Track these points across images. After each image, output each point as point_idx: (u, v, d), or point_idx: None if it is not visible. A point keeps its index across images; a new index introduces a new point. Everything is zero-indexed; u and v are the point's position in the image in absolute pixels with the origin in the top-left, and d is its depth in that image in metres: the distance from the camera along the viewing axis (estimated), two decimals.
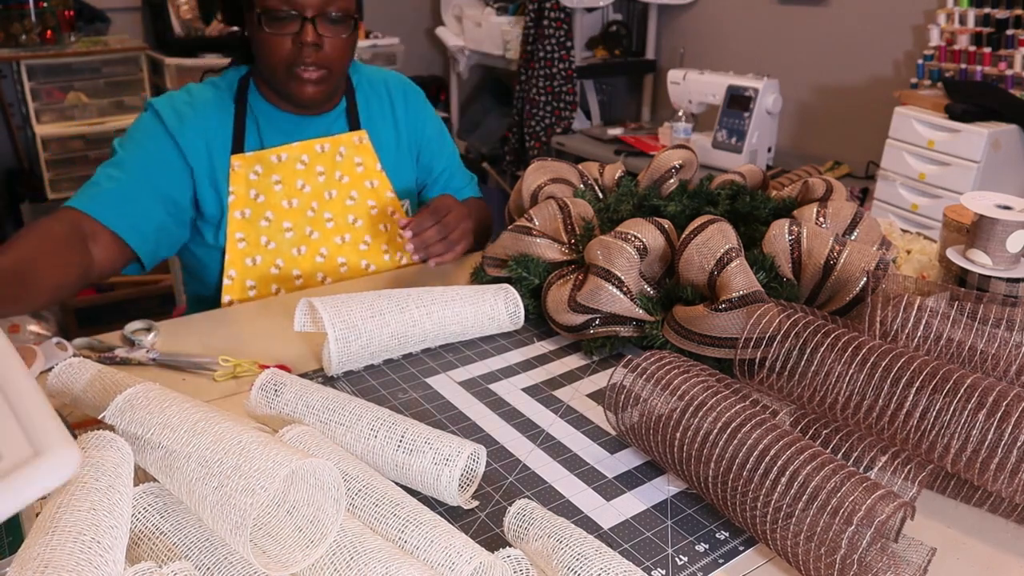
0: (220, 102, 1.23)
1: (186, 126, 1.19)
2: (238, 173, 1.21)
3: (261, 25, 1.12)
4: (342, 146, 1.28)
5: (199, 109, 1.21)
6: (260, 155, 1.22)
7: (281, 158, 1.23)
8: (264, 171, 1.22)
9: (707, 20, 3.09)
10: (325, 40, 1.14)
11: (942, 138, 1.98)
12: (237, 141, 1.22)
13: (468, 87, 3.94)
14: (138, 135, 1.19)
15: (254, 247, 1.22)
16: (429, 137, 1.38)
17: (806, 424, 0.73)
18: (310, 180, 1.25)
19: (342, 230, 1.28)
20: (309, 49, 1.13)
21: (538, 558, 0.61)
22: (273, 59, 1.15)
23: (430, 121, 1.39)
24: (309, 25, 1.12)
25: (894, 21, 2.44)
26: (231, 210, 1.21)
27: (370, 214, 1.30)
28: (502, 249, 1.11)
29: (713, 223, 0.92)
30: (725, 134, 2.55)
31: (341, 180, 1.28)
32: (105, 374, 0.77)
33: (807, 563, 0.61)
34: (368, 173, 1.30)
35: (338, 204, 1.28)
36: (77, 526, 0.52)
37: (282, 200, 1.23)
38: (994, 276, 0.93)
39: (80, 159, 2.91)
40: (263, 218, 1.22)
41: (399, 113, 1.35)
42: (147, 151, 1.17)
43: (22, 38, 2.82)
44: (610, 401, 0.78)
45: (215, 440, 0.60)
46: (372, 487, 0.64)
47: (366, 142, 1.30)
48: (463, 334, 1.00)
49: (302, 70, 1.15)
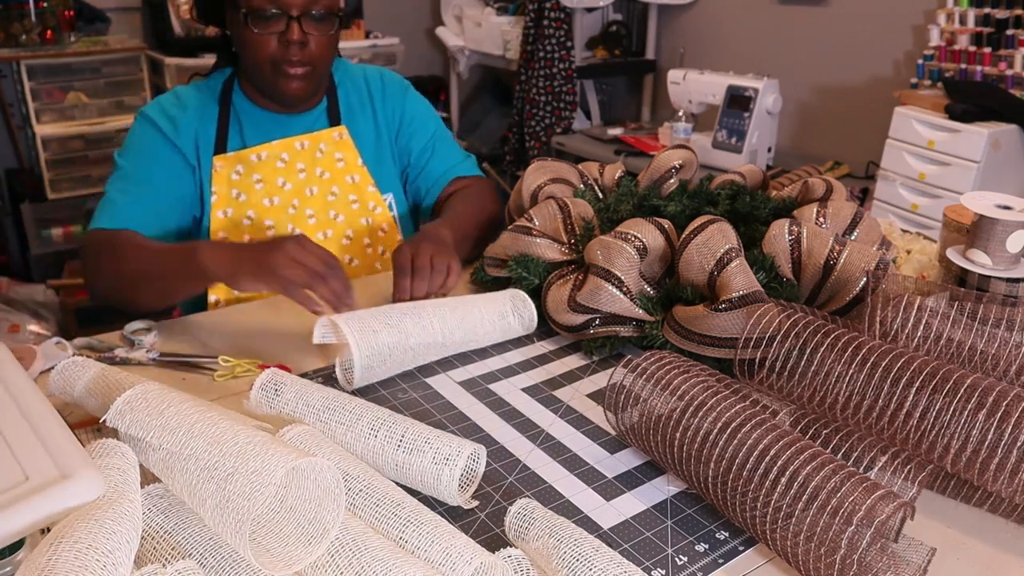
0: (204, 104, 1.25)
1: (180, 128, 1.21)
2: (220, 174, 1.23)
3: (248, 24, 1.13)
4: (322, 142, 1.28)
5: (187, 111, 1.23)
6: (240, 155, 1.23)
7: (261, 156, 1.24)
8: (245, 170, 1.24)
9: (707, 20, 3.09)
10: (310, 38, 1.15)
11: (942, 138, 1.98)
12: (220, 142, 1.24)
13: (468, 87, 3.94)
14: (137, 145, 1.21)
15: None
16: (406, 120, 1.37)
17: (806, 424, 0.73)
18: (291, 178, 1.26)
19: (324, 226, 1.28)
20: (295, 47, 1.14)
21: (538, 557, 0.61)
22: (258, 57, 1.16)
23: (409, 105, 1.38)
24: (295, 24, 1.13)
25: (894, 21, 2.44)
26: (213, 210, 1.23)
27: (351, 209, 1.30)
28: (502, 249, 1.11)
29: (713, 223, 0.92)
30: (725, 134, 2.55)
31: (322, 176, 1.28)
32: (106, 373, 0.77)
33: (807, 563, 0.61)
34: (349, 168, 1.30)
35: (319, 200, 1.28)
36: (84, 535, 0.52)
37: (263, 199, 1.24)
38: (994, 276, 0.93)
39: (80, 159, 2.91)
40: (245, 217, 1.23)
41: (377, 105, 1.35)
42: (150, 158, 1.20)
43: (22, 38, 2.82)
44: (610, 401, 0.78)
45: (214, 441, 0.60)
46: (373, 487, 0.64)
47: (346, 137, 1.30)
48: (479, 345, 1.00)
49: (288, 67, 1.16)
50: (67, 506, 0.55)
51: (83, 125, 2.90)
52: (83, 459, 0.58)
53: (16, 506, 0.54)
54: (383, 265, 1.33)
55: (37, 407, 0.65)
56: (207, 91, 1.26)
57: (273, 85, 1.19)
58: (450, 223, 1.19)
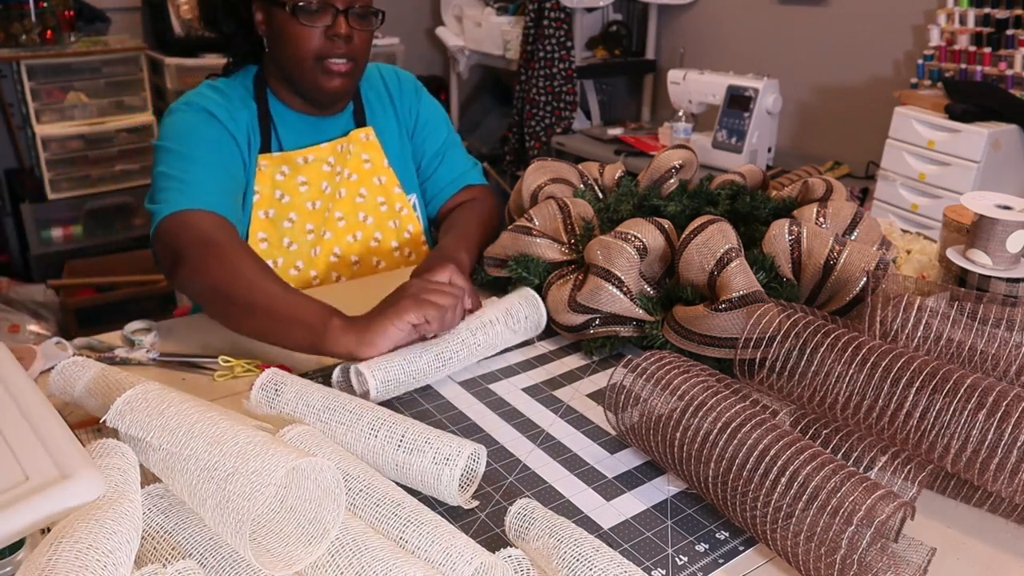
0: (245, 99, 1.21)
1: (235, 118, 1.18)
2: (264, 173, 1.20)
3: (296, 17, 1.11)
4: (351, 144, 1.28)
5: (234, 104, 1.19)
6: (287, 156, 1.22)
7: (308, 159, 1.23)
8: (291, 172, 1.22)
9: (707, 20, 3.09)
10: (354, 33, 1.14)
11: (942, 138, 1.98)
12: (264, 140, 1.21)
13: (468, 87, 3.94)
14: (192, 130, 1.14)
15: (276, 248, 1.22)
16: (421, 122, 1.36)
17: (806, 424, 0.73)
18: (331, 181, 1.25)
19: (353, 228, 1.28)
20: (340, 41, 1.13)
21: (539, 557, 0.61)
22: (301, 52, 1.14)
23: (424, 106, 1.37)
24: (342, 17, 1.12)
25: (894, 21, 2.44)
26: (255, 209, 1.20)
27: (379, 211, 1.30)
28: (502, 249, 1.11)
29: (713, 223, 0.92)
30: (725, 134, 2.55)
31: (350, 178, 1.28)
32: (107, 373, 0.77)
33: (807, 563, 0.61)
34: (376, 169, 1.30)
35: (348, 202, 1.27)
36: (84, 535, 0.52)
37: (307, 202, 1.23)
38: (994, 276, 0.93)
39: (80, 159, 2.91)
40: (286, 219, 1.22)
41: (396, 102, 1.35)
42: (210, 139, 1.14)
43: (22, 38, 2.82)
44: (610, 401, 0.78)
45: (214, 441, 0.60)
46: (373, 487, 0.64)
47: (372, 138, 1.30)
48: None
49: (332, 62, 1.14)
50: (67, 506, 0.55)
51: (83, 125, 2.90)
52: (83, 459, 0.58)
53: (16, 506, 0.54)
54: (408, 268, 1.32)
55: (37, 407, 0.65)
56: (242, 88, 1.22)
57: (314, 82, 1.16)
58: (462, 245, 1.16)
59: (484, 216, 1.29)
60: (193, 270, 1.00)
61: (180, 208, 1.04)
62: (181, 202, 1.05)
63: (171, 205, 1.05)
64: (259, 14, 1.17)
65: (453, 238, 1.20)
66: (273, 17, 1.15)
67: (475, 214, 1.30)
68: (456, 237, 1.20)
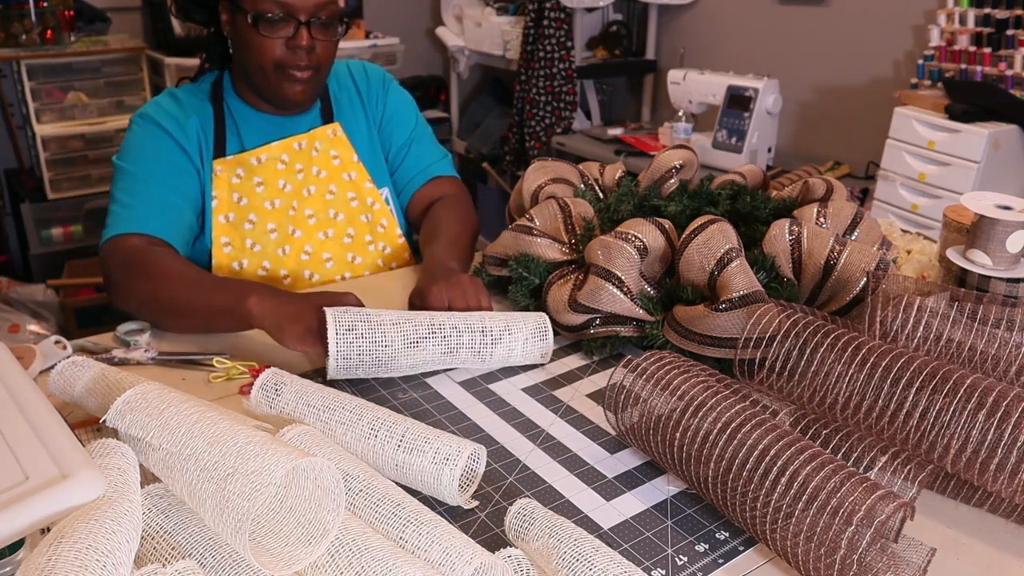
0: (201, 106, 1.23)
1: (185, 129, 1.20)
2: (220, 177, 1.21)
3: (256, 27, 1.12)
4: (317, 141, 1.28)
5: (188, 112, 1.21)
6: (240, 158, 1.22)
7: (261, 159, 1.23)
8: (246, 174, 1.23)
9: (707, 20, 3.09)
10: (316, 43, 1.15)
11: (942, 138, 1.98)
12: (218, 145, 1.22)
13: (468, 87, 3.94)
14: (142, 147, 1.18)
15: (239, 251, 1.22)
16: (388, 114, 1.36)
17: (806, 424, 0.73)
18: (290, 179, 1.26)
19: (324, 225, 1.28)
20: (302, 52, 1.14)
21: (538, 557, 0.61)
22: (263, 61, 1.15)
23: (391, 98, 1.37)
24: (304, 29, 1.13)
25: (894, 21, 2.43)
26: (214, 215, 1.21)
27: (350, 206, 1.30)
28: (502, 249, 1.11)
29: (713, 223, 0.92)
30: (725, 134, 2.55)
31: (319, 175, 1.28)
32: (106, 373, 0.77)
33: (807, 563, 0.61)
34: (345, 165, 1.30)
35: (318, 200, 1.28)
36: (84, 535, 0.52)
37: (264, 201, 1.24)
38: (994, 276, 0.93)
39: (80, 159, 2.90)
40: (247, 221, 1.22)
41: (364, 97, 1.35)
42: (159, 159, 1.17)
43: (22, 38, 2.81)
44: (610, 401, 0.78)
45: (214, 441, 0.60)
46: (373, 487, 0.64)
47: (340, 134, 1.30)
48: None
49: (293, 71, 1.15)
50: (67, 506, 0.55)
51: (83, 125, 2.90)
52: (83, 459, 0.58)
53: (16, 506, 0.54)
54: (385, 262, 1.32)
55: (37, 407, 0.65)
56: (200, 93, 1.25)
57: (276, 89, 1.18)
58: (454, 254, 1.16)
59: (462, 215, 1.30)
60: (125, 291, 1.07)
61: (117, 233, 1.11)
62: (119, 227, 1.11)
63: (110, 230, 1.12)
64: (224, 15, 1.18)
65: (443, 246, 1.18)
66: (237, 23, 1.16)
67: (454, 216, 1.29)
68: (445, 245, 1.19)
